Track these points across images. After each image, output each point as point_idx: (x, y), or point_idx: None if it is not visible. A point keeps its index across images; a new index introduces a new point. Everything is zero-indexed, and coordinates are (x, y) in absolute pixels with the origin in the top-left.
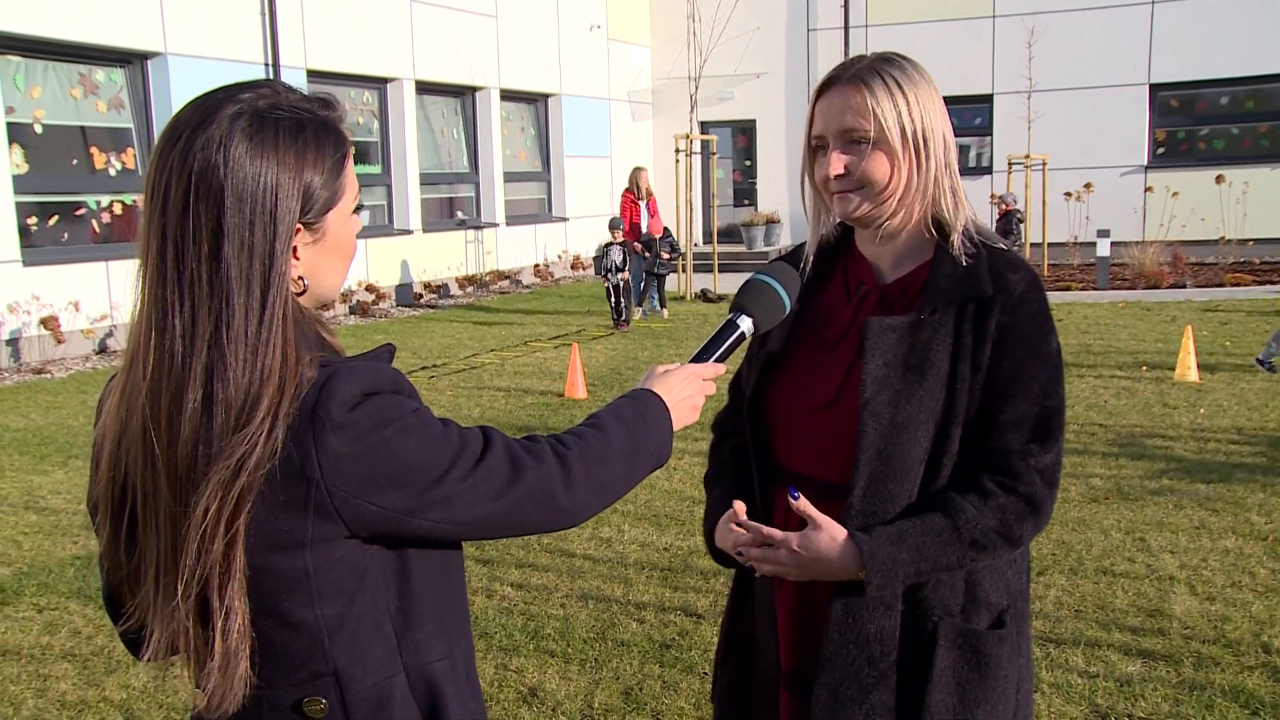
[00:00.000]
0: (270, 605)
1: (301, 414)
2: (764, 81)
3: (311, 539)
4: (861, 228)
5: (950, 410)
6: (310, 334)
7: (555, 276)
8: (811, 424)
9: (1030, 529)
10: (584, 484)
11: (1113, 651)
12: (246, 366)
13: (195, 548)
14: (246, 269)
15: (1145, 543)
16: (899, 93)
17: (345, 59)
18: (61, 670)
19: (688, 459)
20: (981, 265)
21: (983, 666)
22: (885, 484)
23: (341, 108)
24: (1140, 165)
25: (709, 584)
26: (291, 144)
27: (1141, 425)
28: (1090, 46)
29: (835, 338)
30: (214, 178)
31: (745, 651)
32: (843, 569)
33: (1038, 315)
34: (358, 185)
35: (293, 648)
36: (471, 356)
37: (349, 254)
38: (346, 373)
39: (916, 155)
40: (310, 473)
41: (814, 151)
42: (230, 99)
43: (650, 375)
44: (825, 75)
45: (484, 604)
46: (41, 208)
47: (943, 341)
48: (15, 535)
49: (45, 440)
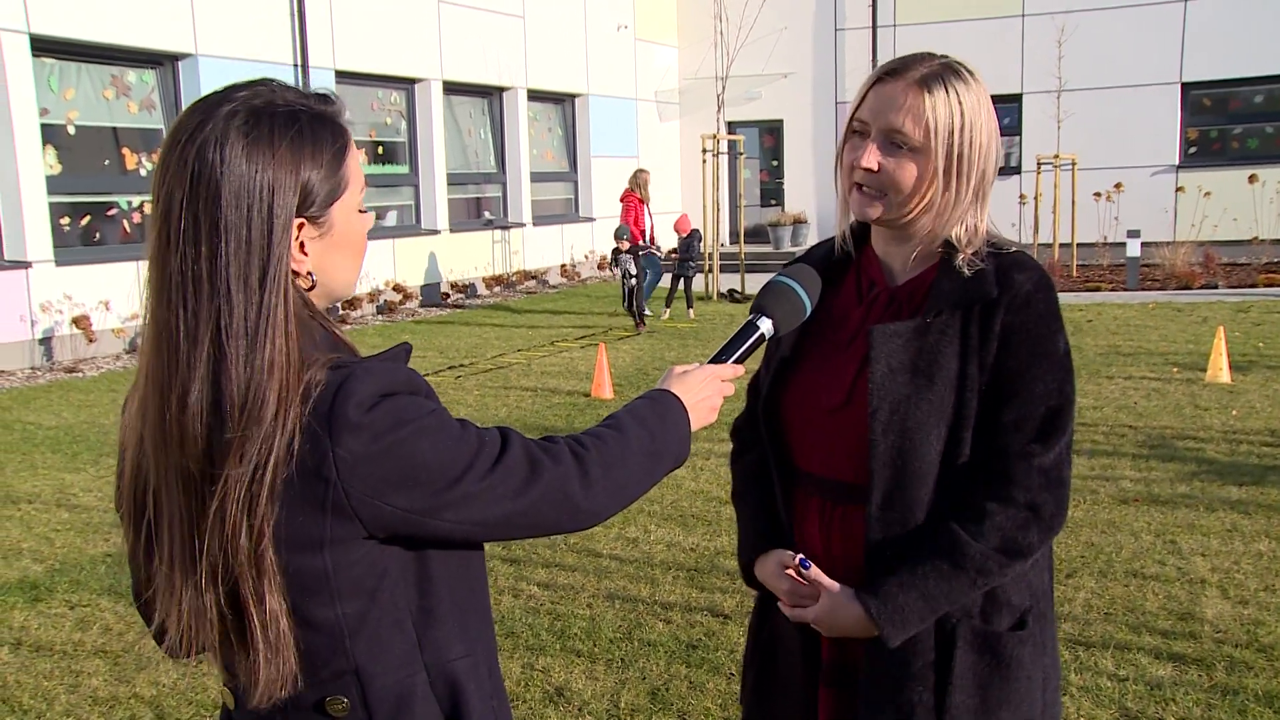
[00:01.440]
0: (292, 604)
1: (318, 415)
2: (791, 81)
3: (330, 539)
4: (877, 225)
5: (961, 412)
6: (319, 333)
7: (582, 276)
8: (825, 426)
9: (1038, 535)
10: (602, 484)
11: (1143, 655)
12: (246, 362)
13: (216, 546)
14: (244, 265)
15: (1176, 545)
16: (958, 110)
17: (373, 60)
18: (93, 666)
19: (714, 459)
20: (988, 267)
21: (1004, 668)
22: (902, 490)
23: (340, 102)
24: (1171, 165)
25: (735, 584)
26: (286, 139)
27: (1172, 427)
28: (1121, 45)
29: (846, 339)
30: (211, 177)
31: (770, 652)
32: (863, 630)
33: (1044, 315)
34: (364, 178)
35: (314, 647)
36: (498, 356)
37: (359, 248)
38: (363, 373)
39: (952, 179)
40: (327, 474)
41: (851, 133)
42: (225, 99)
43: (669, 376)
44: (890, 62)
45: (511, 603)
46: (74, 208)
47: (950, 344)
48: (48, 532)
49: (77, 439)
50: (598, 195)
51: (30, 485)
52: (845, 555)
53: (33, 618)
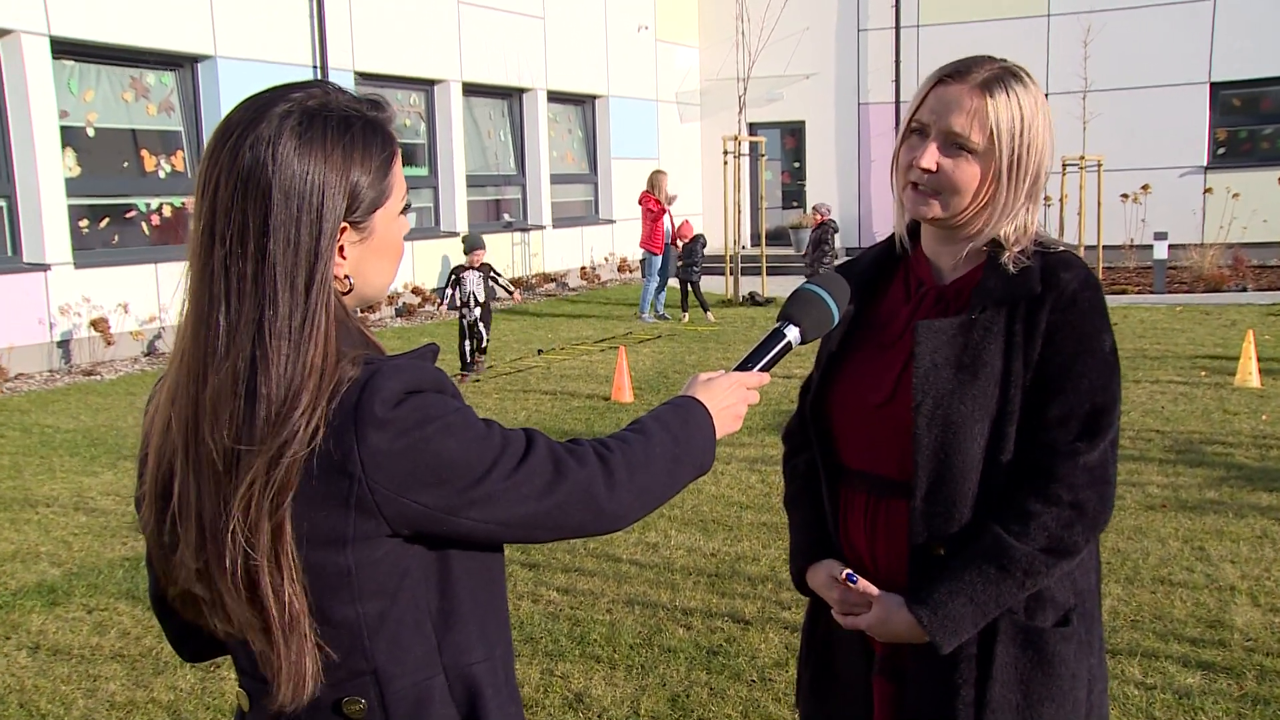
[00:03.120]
0: (313, 602)
1: (343, 410)
2: (813, 82)
3: (354, 536)
4: (929, 226)
5: (1005, 408)
6: (354, 333)
7: (602, 279)
8: (870, 422)
9: (1083, 533)
10: (627, 487)
11: (1171, 663)
12: (289, 362)
13: (236, 542)
14: (291, 266)
15: (1204, 552)
16: (1019, 114)
17: (393, 61)
18: (110, 671)
19: (735, 464)
20: (1034, 266)
21: (1045, 664)
22: (945, 485)
23: (391, 109)
24: (1200, 166)
25: (756, 590)
26: (339, 143)
27: (1200, 431)
28: (1149, 44)
29: (893, 337)
30: (262, 175)
31: (825, 651)
32: (915, 637)
33: (1090, 312)
34: (405, 186)
35: (334, 645)
36: (517, 360)
37: (397, 254)
38: (390, 370)
39: (1009, 181)
40: (352, 469)
41: (910, 133)
42: (281, 98)
43: (693, 383)
44: (950, 65)
45: (530, 609)
46: (92, 210)
47: (995, 340)
48: (65, 536)
49: (95, 442)
50: (618, 197)
51: (48, 489)
52: (889, 551)
53: (50, 622)
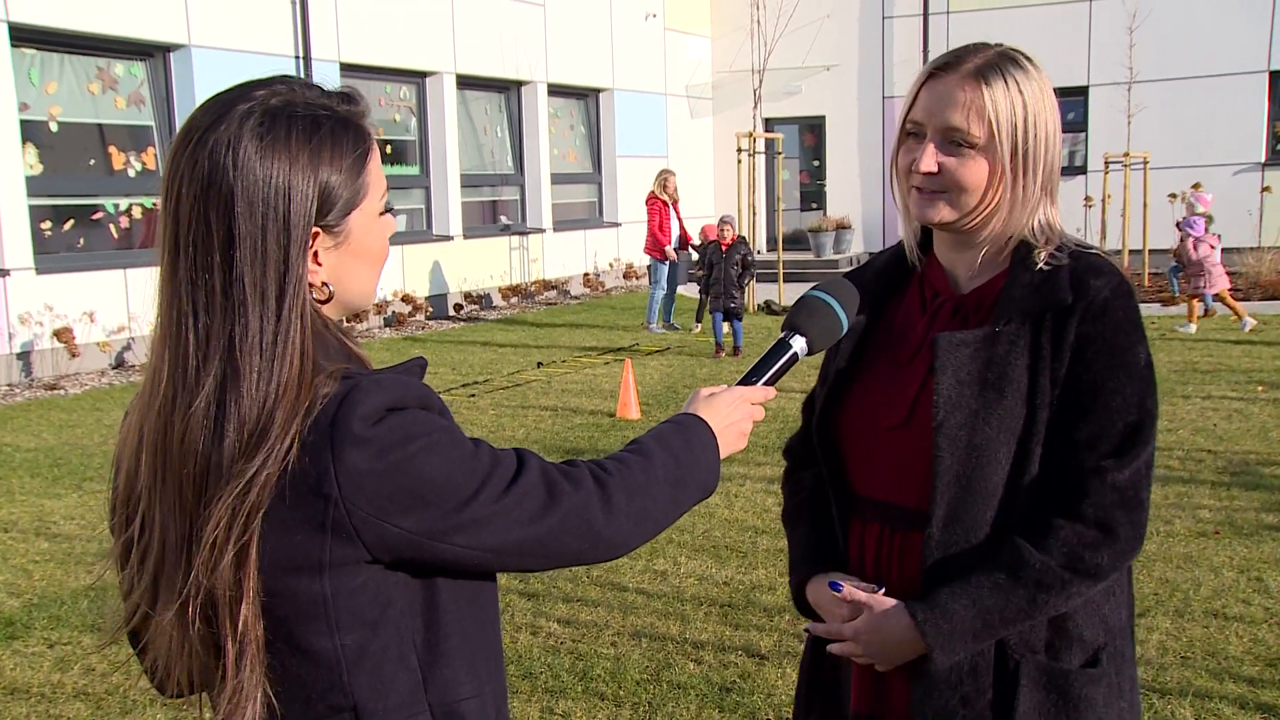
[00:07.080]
0: (285, 631)
1: (319, 427)
2: (834, 74)
3: (330, 562)
4: (941, 231)
5: (1031, 428)
6: (333, 345)
7: (606, 287)
8: (885, 446)
9: (1108, 558)
10: (625, 512)
11: (1226, 704)
12: (262, 380)
13: (201, 567)
14: (260, 277)
15: (1262, 582)
16: (1020, 101)
17: (381, 51)
18: (74, 710)
19: (749, 485)
20: (1062, 271)
21: (1071, 709)
22: (966, 511)
23: (364, 102)
24: (1257, 163)
25: (773, 622)
26: (305, 143)
27: (1256, 451)
28: (1200, 31)
29: (908, 353)
30: (223, 181)
31: (831, 692)
32: (909, 645)
33: (1123, 324)
34: (385, 184)
35: (309, 678)
36: (516, 373)
37: (379, 258)
38: (370, 385)
39: (1021, 173)
40: (328, 490)
41: (905, 135)
42: (243, 97)
43: (695, 399)
44: (940, 57)
45: (529, 641)
46: (56, 211)
47: (1021, 355)
48: (25, 564)
49: (58, 462)
50: (623, 199)
51: (6, 512)
52: (906, 590)
53: (8, 657)
